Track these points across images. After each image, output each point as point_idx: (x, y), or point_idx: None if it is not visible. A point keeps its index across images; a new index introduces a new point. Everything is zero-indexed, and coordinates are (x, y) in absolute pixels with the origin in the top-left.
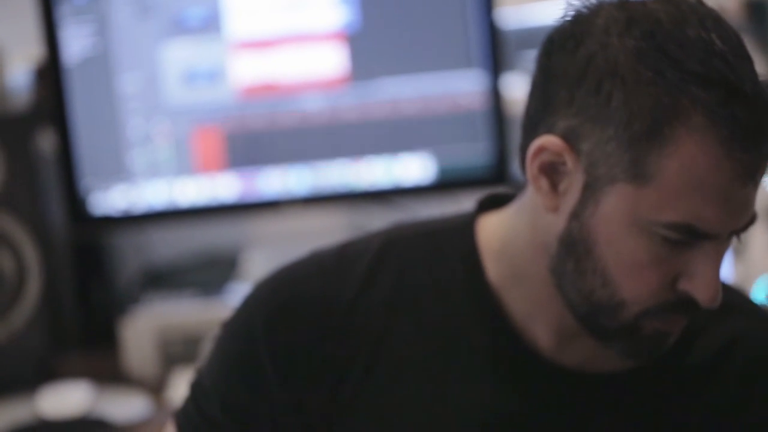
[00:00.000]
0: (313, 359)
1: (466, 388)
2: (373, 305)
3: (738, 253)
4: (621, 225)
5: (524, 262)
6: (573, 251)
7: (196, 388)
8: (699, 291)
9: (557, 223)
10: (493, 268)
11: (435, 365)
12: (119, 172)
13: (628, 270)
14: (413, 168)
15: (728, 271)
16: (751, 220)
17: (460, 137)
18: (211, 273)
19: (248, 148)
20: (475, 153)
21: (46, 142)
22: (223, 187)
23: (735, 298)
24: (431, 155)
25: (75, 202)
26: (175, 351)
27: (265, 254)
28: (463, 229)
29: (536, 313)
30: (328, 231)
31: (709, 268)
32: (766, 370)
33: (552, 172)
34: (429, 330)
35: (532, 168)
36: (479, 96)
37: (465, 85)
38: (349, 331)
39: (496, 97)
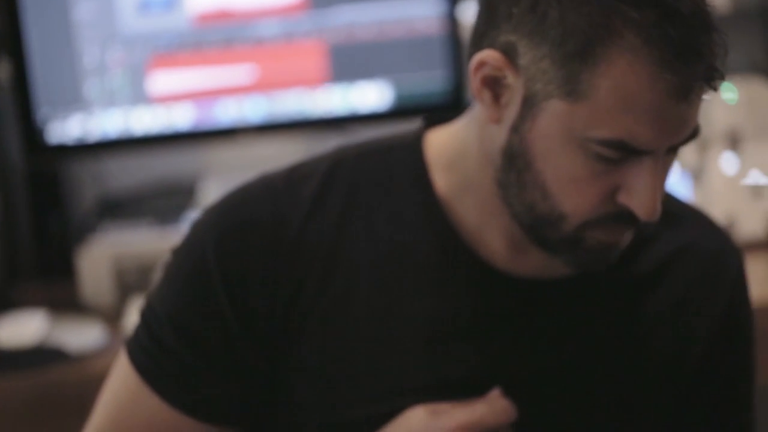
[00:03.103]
0: (265, 281)
1: (418, 300)
2: (323, 224)
3: (697, 178)
4: (557, 141)
5: (474, 172)
6: (514, 164)
7: (147, 314)
8: (637, 205)
9: (500, 135)
10: (443, 180)
11: (387, 280)
12: (76, 101)
13: (565, 184)
14: (370, 95)
15: (687, 196)
16: (692, 134)
17: (417, 64)
18: (167, 201)
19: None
20: (432, 79)
21: (1, 71)
22: (178, 115)
23: (685, 210)
24: (388, 82)
25: (31, 131)
26: (132, 280)
27: (222, 182)
28: (411, 144)
29: (488, 223)
30: (284, 158)
31: (646, 183)
32: (711, 276)
33: (494, 85)
34: (380, 246)
35: (475, 80)
36: (436, 22)
37: (422, 11)
38: (300, 252)
39: (452, 23)
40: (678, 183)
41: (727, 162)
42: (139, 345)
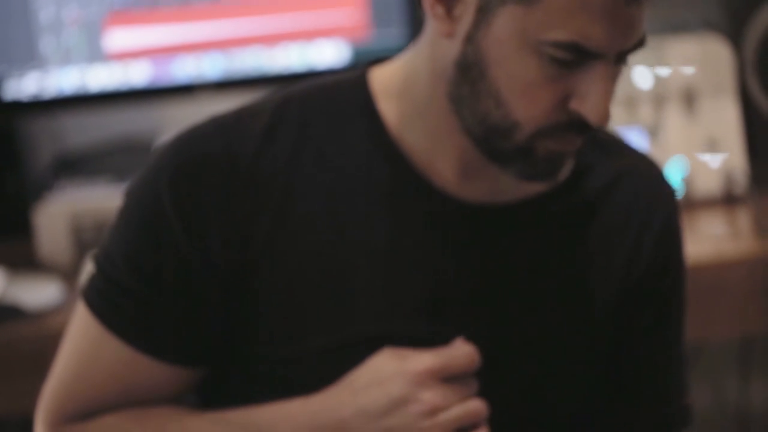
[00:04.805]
0: (220, 216)
1: (372, 228)
2: (276, 158)
3: (653, 135)
4: (511, 46)
5: (424, 97)
6: (468, 75)
7: (102, 260)
8: (588, 110)
9: (453, 48)
10: (391, 110)
11: (341, 210)
12: (31, 59)
13: (519, 90)
14: (327, 52)
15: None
16: (639, 42)
17: (374, 21)
18: (125, 159)
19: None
20: (390, 37)
21: None
22: (135, 72)
23: (617, 140)
24: (345, 39)
25: None
26: (89, 237)
27: None
28: (356, 79)
29: (439, 148)
30: None
31: (598, 88)
32: (649, 198)
33: None
34: (333, 177)
35: None
36: None
37: None
38: (254, 185)
39: None
40: (635, 140)
41: (683, 119)
42: (96, 291)
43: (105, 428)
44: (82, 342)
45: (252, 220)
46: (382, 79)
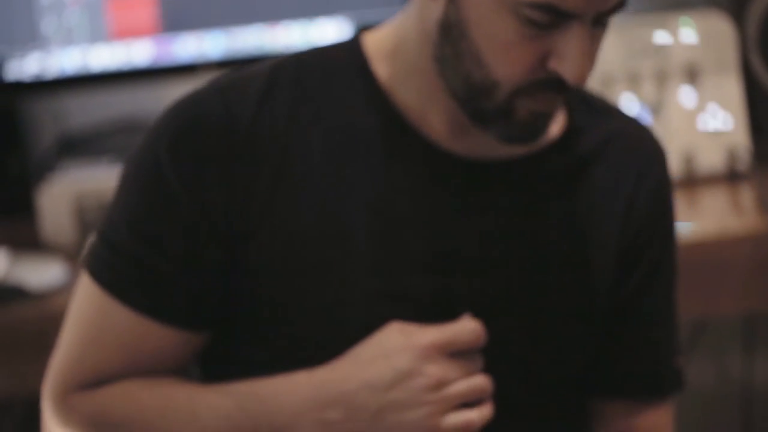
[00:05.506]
0: (220, 177)
1: (368, 186)
2: (273, 119)
3: (656, 112)
4: (489, 6)
5: (414, 57)
6: (450, 35)
7: (105, 229)
8: (565, 69)
9: (437, 9)
10: (385, 70)
11: (337, 169)
12: (34, 40)
13: (498, 50)
14: (330, 31)
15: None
16: (618, 4)
17: (376, 0)
18: (127, 139)
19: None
20: (391, 15)
21: None
22: (137, 51)
23: (610, 105)
24: (348, 18)
25: None
26: (92, 217)
27: None
28: (349, 43)
29: (430, 106)
30: None
31: (575, 47)
32: (643, 156)
33: None
34: (329, 136)
35: None
36: None
37: None
38: (252, 145)
39: None
40: (638, 117)
41: (686, 96)
42: (99, 260)
43: (113, 396)
44: (87, 312)
45: (251, 180)
46: (374, 41)
